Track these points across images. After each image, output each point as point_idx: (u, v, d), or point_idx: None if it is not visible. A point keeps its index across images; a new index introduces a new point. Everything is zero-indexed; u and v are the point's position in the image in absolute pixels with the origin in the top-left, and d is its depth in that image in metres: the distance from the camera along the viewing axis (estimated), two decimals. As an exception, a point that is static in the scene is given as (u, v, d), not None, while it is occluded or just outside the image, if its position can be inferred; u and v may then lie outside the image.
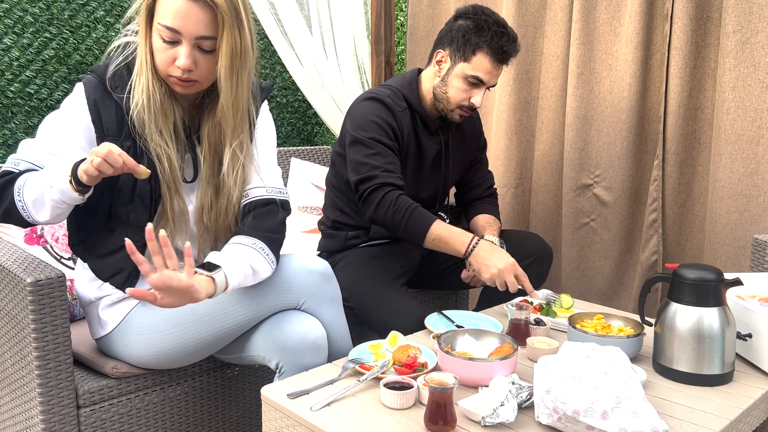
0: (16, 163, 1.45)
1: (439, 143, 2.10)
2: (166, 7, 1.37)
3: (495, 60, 1.91)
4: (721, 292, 1.43)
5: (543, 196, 2.66)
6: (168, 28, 1.37)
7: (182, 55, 1.38)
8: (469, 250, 1.81)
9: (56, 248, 1.85)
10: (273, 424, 1.35)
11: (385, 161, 1.90)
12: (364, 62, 3.02)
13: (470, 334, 1.52)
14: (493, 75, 1.95)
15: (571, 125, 2.46)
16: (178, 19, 1.36)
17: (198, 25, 1.37)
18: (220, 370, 1.74)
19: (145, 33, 1.42)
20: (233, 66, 1.42)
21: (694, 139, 2.27)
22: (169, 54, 1.39)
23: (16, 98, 2.41)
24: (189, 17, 1.36)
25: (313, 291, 1.56)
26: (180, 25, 1.37)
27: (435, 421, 1.20)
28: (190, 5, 1.36)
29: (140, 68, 1.43)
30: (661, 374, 1.47)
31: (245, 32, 1.42)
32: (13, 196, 1.41)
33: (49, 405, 1.46)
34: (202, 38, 1.39)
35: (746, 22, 2.03)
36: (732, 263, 2.11)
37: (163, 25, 1.37)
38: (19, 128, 2.44)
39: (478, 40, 1.89)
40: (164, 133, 1.46)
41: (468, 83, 1.94)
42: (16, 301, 1.48)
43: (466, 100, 1.96)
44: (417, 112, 2.04)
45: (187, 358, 1.57)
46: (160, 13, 1.38)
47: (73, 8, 2.50)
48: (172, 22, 1.36)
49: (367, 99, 2.01)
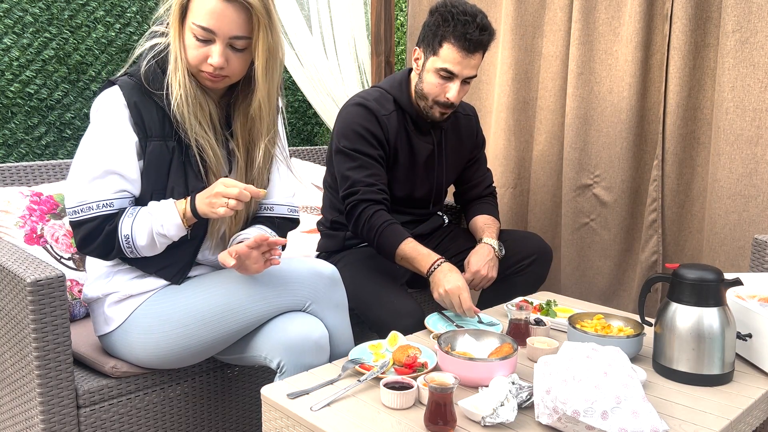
0: (100, 206, 1.45)
1: (432, 143, 2.09)
2: (201, 7, 1.39)
3: (461, 49, 1.87)
4: (721, 292, 1.43)
5: (541, 196, 2.66)
6: (203, 28, 1.40)
7: (215, 54, 1.42)
8: (430, 270, 1.84)
9: (56, 248, 1.85)
10: (273, 424, 1.35)
11: (366, 174, 1.92)
12: (364, 62, 3.03)
13: (470, 334, 1.52)
14: (464, 65, 1.90)
15: (570, 125, 2.46)
16: (213, 19, 1.39)
17: (232, 26, 1.41)
18: (220, 370, 1.74)
19: (178, 30, 1.44)
20: (268, 64, 1.47)
21: (694, 139, 2.27)
22: (202, 51, 1.43)
23: (16, 98, 2.41)
24: (224, 18, 1.39)
25: (320, 295, 1.57)
26: (215, 25, 1.40)
27: (435, 421, 1.20)
28: (225, 6, 1.39)
29: (175, 65, 1.45)
30: (661, 374, 1.47)
31: (276, 31, 1.47)
32: (120, 245, 1.46)
33: (49, 405, 1.46)
34: (235, 38, 1.43)
35: (745, 22, 2.03)
36: (731, 263, 2.11)
37: (197, 24, 1.40)
38: (19, 128, 2.44)
39: (444, 31, 1.88)
40: (203, 125, 1.50)
41: (440, 77, 1.92)
42: (16, 301, 1.48)
43: (441, 95, 1.94)
44: (407, 113, 2.04)
45: (190, 358, 1.57)
46: (195, 12, 1.40)
47: (73, 8, 2.50)
48: (207, 22, 1.39)
49: (353, 105, 2.02)
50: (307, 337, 1.49)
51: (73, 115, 2.55)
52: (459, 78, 1.92)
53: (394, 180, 2.06)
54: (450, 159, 2.17)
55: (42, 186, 1.93)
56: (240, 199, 1.39)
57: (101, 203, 1.45)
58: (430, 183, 2.15)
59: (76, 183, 1.47)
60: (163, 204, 1.47)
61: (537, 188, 2.67)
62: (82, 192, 1.46)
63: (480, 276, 2.00)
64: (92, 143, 1.47)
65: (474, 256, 2.03)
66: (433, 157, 2.11)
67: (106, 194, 1.46)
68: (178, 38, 1.44)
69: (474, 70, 1.93)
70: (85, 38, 2.53)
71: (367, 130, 1.96)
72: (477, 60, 1.92)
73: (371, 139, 1.96)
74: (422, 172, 2.11)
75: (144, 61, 1.48)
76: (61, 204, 1.89)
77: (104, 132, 1.47)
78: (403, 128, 2.04)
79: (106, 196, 1.46)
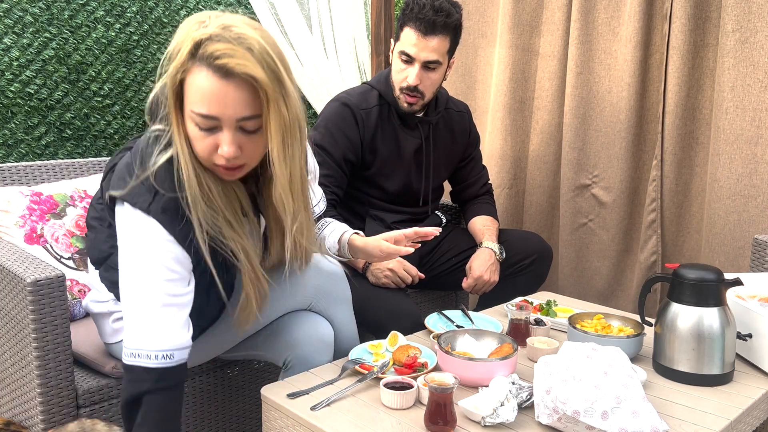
0: (170, 355, 1.24)
1: (420, 137, 2.10)
2: (197, 92, 1.16)
3: (417, 31, 1.87)
4: (721, 292, 1.43)
5: (537, 196, 2.66)
6: (203, 116, 1.17)
7: (225, 143, 1.19)
8: (366, 265, 1.98)
9: (56, 248, 1.85)
10: (273, 424, 1.35)
11: (322, 172, 1.92)
12: (364, 62, 3.03)
13: (470, 334, 1.52)
14: (421, 48, 1.88)
15: (569, 125, 2.46)
16: (213, 104, 1.16)
17: (237, 107, 1.17)
18: (220, 370, 1.74)
19: (176, 120, 1.22)
20: (285, 142, 1.22)
21: (693, 139, 2.27)
22: (209, 142, 1.20)
23: (16, 98, 2.41)
24: (225, 99, 1.15)
25: (323, 291, 1.56)
26: (217, 110, 1.16)
27: (435, 421, 1.20)
28: (224, 86, 1.15)
29: (184, 162, 1.22)
30: (661, 374, 1.47)
31: (291, 99, 1.21)
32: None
33: (49, 405, 1.46)
34: (244, 119, 1.18)
35: (745, 22, 2.03)
36: (731, 264, 2.11)
37: (196, 113, 1.17)
38: (19, 128, 2.44)
39: (404, 16, 1.91)
40: (233, 224, 1.29)
41: (402, 61, 1.94)
42: (16, 301, 1.48)
43: (403, 81, 1.96)
44: (393, 107, 2.05)
45: (196, 359, 1.56)
46: (191, 98, 1.18)
47: (73, 8, 2.50)
48: (208, 108, 1.16)
49: (335, 101, 2.06)
50: (312, 335, 1.50)
51: (73, 115, 2.55)
52: (417, 61, 1.91)
53: (380, 174, 2.08)
54: (441, 154, 2.17)
55: (42, 186, 1.93)
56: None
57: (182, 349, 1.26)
58: (420, 178, 2.15)
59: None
60: None
61: (533, 188, 2.67)
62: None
63: (482, 281, 2.00)
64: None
65: (475, 261, 2.03)
66: (420, 151, 2.11)
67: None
68: (179, 130, 1.22)
69: (434, 54, 1.90)
70: (85, 38, 2.53)
71: (339, 130, 2.00)
72: (436, 43, 1.89)
73: (341, 139, 1.99)
74: (411, 166, 2.12)
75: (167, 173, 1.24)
76: (61, 203, 1.89)
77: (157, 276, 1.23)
78: (387, 122, 2.05)
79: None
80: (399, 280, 1.92)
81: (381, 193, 2.11)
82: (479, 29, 2.74)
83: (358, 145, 2.02)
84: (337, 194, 2.03)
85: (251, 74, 1.14)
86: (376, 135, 2.03)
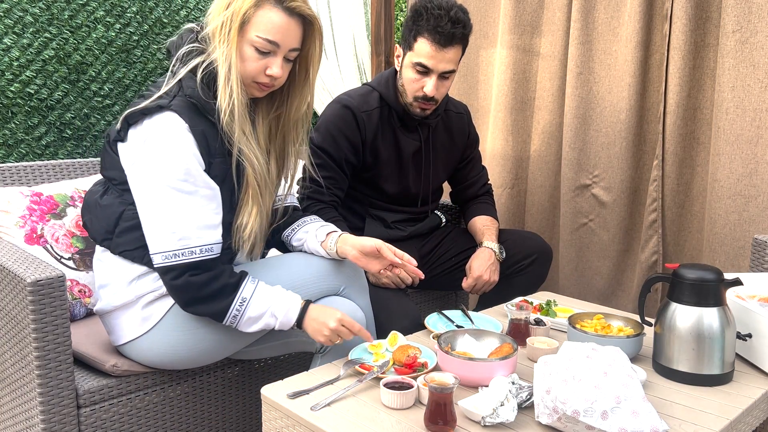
0: (210, 249, 1.44)
1: (419, 140, 2.10)
2: (266, 21, 1.43)
3: (434, 43, 1.87)
4: (721, 292, 1.43)
5: (539, 196, 2.66)
6: (268, 40, 1.44)
7: (275, 66, 1.47)
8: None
9: (56, 248, 1.85)
10: (273, 424, 1.35)
11: (323, 174, 1.93)
12: (364, 62, 3.03)
13: (470, 334, 1.52)
14: (438, 59, 1.89)
15: (569, 125, 2.46)
16: (279, 33, 1.44)
17: (294, 39, 1.48)
18: (220, 370, 1.74)
19: (234, 43, 1.44)
20: (314, 70, 1.56)
21: (693, 140, 2.27)
22: (261, 63, 1.46)
23: (16, 98, 2.41)
24: (288, 31, 1.46)
25: (352, 279, 1.64)
26: (280, 38, 1.45)
27: (435, 421, 1.20)
28: (289, 20, 1.45)
29: (226, 79, 1.44)
30: (661, 374, 1.47)
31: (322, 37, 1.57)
32: (232, 302, 1.44)
33: (49, 405, 1.46)
34: (293, 50, 1.49)
35: (745, 22, 2.03)
36: (731, 264, 2.12)
37: (262, 38, 1.43)
38: (19, 128, 2.44)
39: (417, 26, 1.89)
40: (250, 140, 1.51)
41: (416, 71, 1.93)
42: (16, 301, 1.48)
43: (419, 90, 1.95)
44: (394, 110, 2.05)
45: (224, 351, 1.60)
46: (259, 26, 1.43)
47: (73, 8, 2.50)
48: (274, 35, 1.44)
49: (335, 103, 2.05)
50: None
51: (74, 115, 2.55)
52: (435, 72, 1.91)
53: (380, 176, 2.08)
54: (440, 156, 2.17)
55: (42, 186, 1.93)
56: (344, 338, 1.47)
57: (212, 245, 1.44)
58: (420, 179, 2.15)
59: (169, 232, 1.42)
60: (289, 295, 1.48)
61: (534, 188, 2.67)
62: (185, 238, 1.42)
63: (482, 281, 2.00)
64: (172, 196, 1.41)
65: (475, 260, 2.03)
66: (420, 153, 2.11)
67: (215, 236, 1.46)
68: (235, 51, 1.44)
69: (451, 64, 1.91)
70: (85, 38, 2.53)
71: (340, 132, 1.99)
72: (452, 54, 1.90)
73: (343, 142, 1.99)
74: (410, 168, 2.12)
75: (191, 81, 1.45)
76: (61, 204, 1.89)
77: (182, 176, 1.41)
78: (388, 125, 2.05)
79: (215, 237, 1.46)
80: (399, 280, 1.92)
81: (380, 194, 2.12)
82: (480, 30, 2.74)
83: (359, 148, 2.02)
84: (338, 196, 2.03)
85: (310, 13, 1.49)
86: (376, 137, 2.03)
